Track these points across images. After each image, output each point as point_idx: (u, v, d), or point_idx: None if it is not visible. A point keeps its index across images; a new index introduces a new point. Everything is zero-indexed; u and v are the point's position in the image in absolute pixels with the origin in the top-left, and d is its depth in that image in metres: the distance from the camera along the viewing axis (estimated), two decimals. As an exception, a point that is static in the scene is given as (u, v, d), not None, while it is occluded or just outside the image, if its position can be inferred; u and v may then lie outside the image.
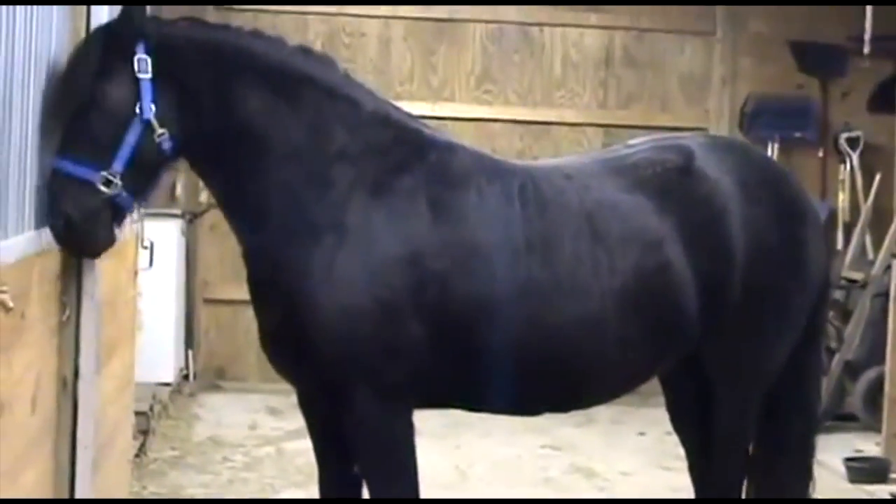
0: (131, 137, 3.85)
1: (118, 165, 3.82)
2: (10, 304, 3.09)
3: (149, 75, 3.87)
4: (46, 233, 3.74)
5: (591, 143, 9.49)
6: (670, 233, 4.31)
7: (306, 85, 4.14)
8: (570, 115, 9.53)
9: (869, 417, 8.36)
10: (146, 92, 3.87)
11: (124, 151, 3.84)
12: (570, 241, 4.23)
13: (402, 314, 4.04)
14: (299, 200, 4.05)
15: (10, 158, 3.41)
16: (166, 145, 3.92)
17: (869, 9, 7.95)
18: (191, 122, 3.97)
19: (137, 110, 3.86)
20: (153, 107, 3.87)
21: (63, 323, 4.04)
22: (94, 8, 4.22)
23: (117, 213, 3.91)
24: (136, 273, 5.64)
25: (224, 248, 4.92)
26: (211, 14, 9.16)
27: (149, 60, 3.88)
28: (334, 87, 4.24)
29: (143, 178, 3.95)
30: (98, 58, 3.86)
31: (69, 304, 4.07)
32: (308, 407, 4.30)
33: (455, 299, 4.10)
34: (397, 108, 4.38)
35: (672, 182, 4.39)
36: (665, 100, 9.66)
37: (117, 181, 3.82)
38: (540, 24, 9.53)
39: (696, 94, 9.67)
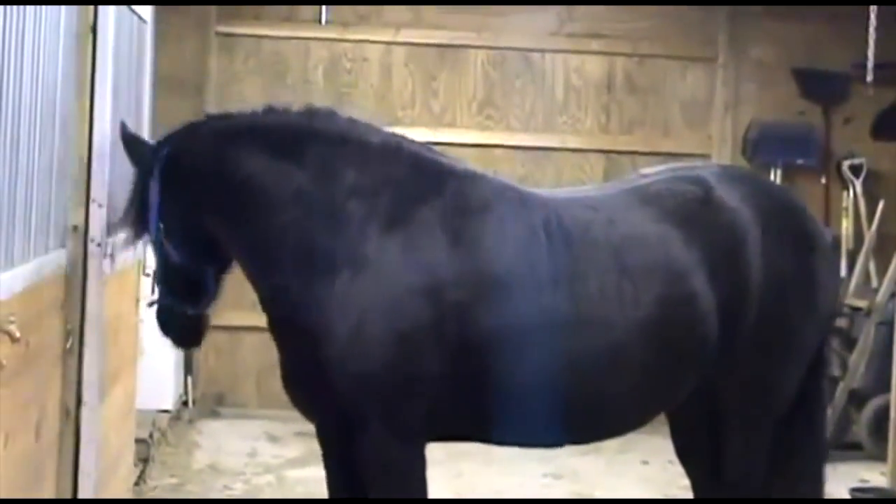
0: (157, 257, 4.32)
1: (159, 279, 4.35)
2: (17, 334, 3.12)
3: (156, 199, 4.21)
4: (50, 260, 3.78)
5: (593, 168, 9.53)
6: (696, 263, 4.36)
7: (308, 140, 4.29)
8: (572, 141, 9.57)
9: (875, 447, 8.36)
10: (153, 215, 4.23)
11: (158, 268, 4.34)
12: (596, 275, 4.26)
13: (420, 346, 4.08)
14: (313, 240, 4.14)
15: (17, 189, 3.45)
16: (172, 253, 4.23)
17: (872, 36, 8.00)
18: (194, 219, 4.24)
19: (154, 236, 4.28)
20: (162, 226, 4.24)
21: (67, 351, 4.07)
22: (100, 16, 4.28)
23: (179, 317, 4.37)
24: (137, 301, 5.67)
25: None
26: (213, 40, 9.26)
27: (156, 184, 4.20)
28: (338, 133, 4.34)
29: (180, 285, 4.33)
30: (135, 189, 4.30)
31: (73, 333, 4.11)
32: (326, 439, 4.38)
33: (475, 331, 4.12)
34: (412, 141, 4.45)
35: (694, 212, 4.43)
36: (667, 125, 9.69)
37: (164, 291, 4.35)
38: (541, 50, 9.58)
39: (698, 120, 9.71)
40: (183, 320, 4.40)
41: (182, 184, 4.22)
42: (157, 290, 4.41)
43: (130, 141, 4.38)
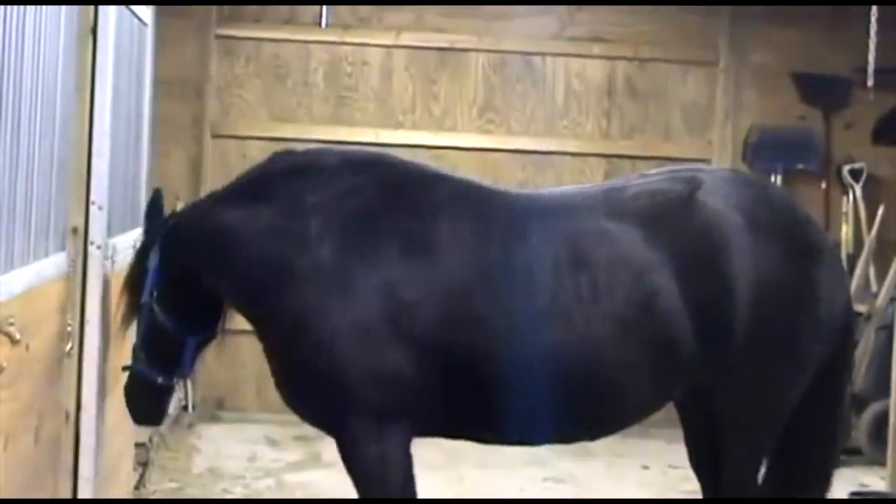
0: (143, 321, 4.53)
1: (139, 343, 4.56)
2: (18, 336, 3.11)
3: (154, 265, 4.53)
4: (49, 263, 3.77)
5: (593, 173, 9.52)
6: (659, 262, 4.34)
7: (270, 182, 4.57)
8: (572, 146, 9.55)
9: (874, 451, 8.34)
10: (150, 279, 4.52)
11: (141, 332, 4.55)
12: (550, 266, 4.33)
13: (381, 345, 4.30)
14: (280, 260, 4.43)
15: (16, 191, 3.43)
16: (162, 319, 4.49)
17: (872, 40, 8.00)
18: (185, 286, 4.53)
19: (145, 298, 4.54)
20: (155, 293, 4.51)
21: (66, 354, 4.06)
22: (100, 17, 4.27)
23: (146, 385, 4.55)
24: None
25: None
26: (213, 43, 9.25)
27: (156, 254, 4.53)
28: (294, 167, 4.60)
29: (162, 352, 4.54)
30: (137, 257, 4.65)
31: (72, 335, 4.09)
32: None
33: (429, 328, 4.30)
34: (371, 153, 4.81)
35: (668, 212, 4.42)
36: (668, 130, 9.68)
37: (141, 356, 4.54)
38: (542, 54, 9.57)
39: (698, 125, 9.69)
40: (151, 389, 4.58)
41: (178, 250, 4.54)
42: (133, 356, 4.60)
43: (153, 212, 4.69)
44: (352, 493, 5.27)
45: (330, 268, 4.36)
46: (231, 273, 4.53)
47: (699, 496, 4.72)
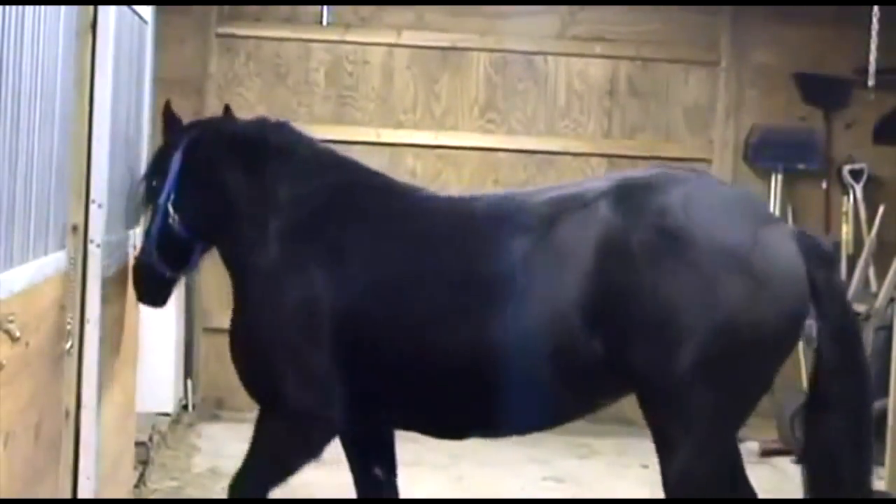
0: (157, 222, 4.97)
1: (152, 242, 4.98)
2: (17, 334, 3.10)
3: (176, 170, 4.95)
4: (49, 261, 3.76)
5: (595, 172, 9.49)
6: (543, 265, 4.40)
7: (261, 151, 4.94)
8: (574, 145, 9.54)
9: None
10: (168, 185, 4.94)
11: (153, 232, 4.99)
12: (443, 275, 4.57)
13: (303, 343, 4.66)
14: (241, 253, 4.88)
15: (16, 189, 3.42)
16: (177, 227, 4.94)
17: (874, 41, 7.99)
18: (196, 206, 4.96)
19: (162, 199, 4.95)
20: (172, 196, 4.94)
21: (66, 352, 4.05)
22: (100, 14, 4.26)
23: (156, 276, 5.08)
24: (137, 302, 5.64)
25: (224, 278, 4.98)
26: (213, 41, 9.24)
27: (178, 159, 4.96)
28: (279, 146, 4.96)
29: (173, 253, 5.01)
30: (157, 158, 5.15)
31: (72, 334, 4.08)
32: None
33: (341, 332, 4.62)
34: (337, 156, 5.07)
35: (565, 217, 4.44)
36: (669, 130, 9.67)
37: (153, 252, 5.00)
38: (544, 54, 9.55)
39: (700, 125, 9.68)
40: (159, 280, 5.11)
41: (194, 163, 4.96)
42: (144, 247, 5.07)
43: (170, 118, 5.17)
44: (351, 493, 5.26)
45: (267, 267, 4.76)
46: (225, 242, 4.99)
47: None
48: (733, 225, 4.32)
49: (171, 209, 4.93)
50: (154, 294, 5.22)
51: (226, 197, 4.92)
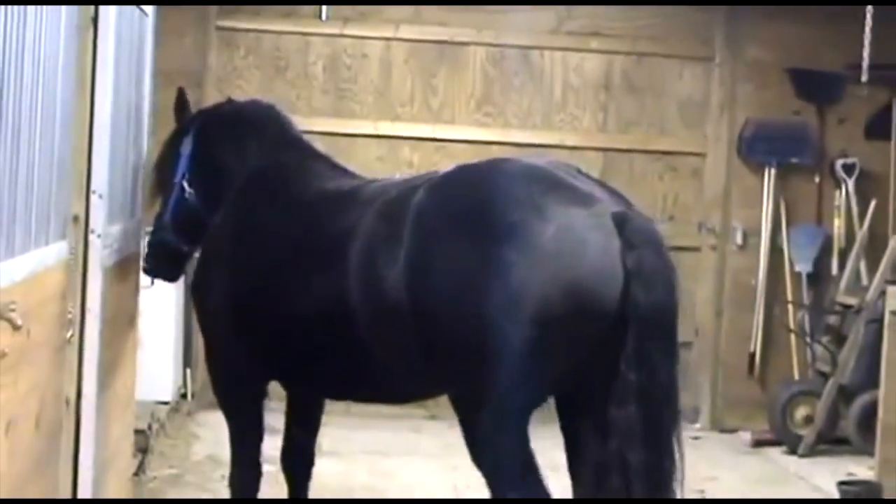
0: (174, 197, 5.43)
1: (168, 218, 5.46)
2: (19, 323, 3.10)
3: (188, 151, 5.45)
4: (51, 250, 3.76)
5: (590, 166, 9.43)
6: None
7: (245, 132, 5.42)
8: (569, 139, 9.55)
9: (862, 442, 8.37)
10: (183, 163, 5.43)
11: (170, 207, 5.46)
12: (338, 247, 4.65)
13: (222, 312, 5.09)
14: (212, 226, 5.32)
15: (18, 180, 3.42)
16: (192, 201, 5.40)
17: (867, 37, 7.99)
18: (205, 181, 5.39)
19: (177, 178, 5.43)
20: (186, 174, 5.42)
21: (67, 342, 4.05)
22: (101, 8, 4.26)
23: (171, 251, 5.53)
24: (137, 292, 5.66)
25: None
26: (213, 34, 9.23)
27: (190, 140, 5.46)
28: (259, 125, 5.46)
29: (188, 227, 5.45)
30: (170, 142, 5.62)
31: (73, 323, 4.09)
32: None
33: (238, 302, 5.03)
34: (296, 137, 5.42)
35: (390, 203, 4.53)
36: (664, 124, 9.68)
37: (168, 227, 5.47)
38: (540, 48, 9.56)
39: (694, 119, 9.70)
40: (175, 255, 5.54)
41: (202, 144, 5.42)
42: (159, 224, 5.46)
43: (182, 105, 5.71)
44: (352, 481, 5.26)
45: (205, 247, 5.30)
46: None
47: (690, 486, 4.68)
48: (527, 202, 4.14)
49: (186, 185, 5.39)
50: (167, 269, 5.61)
51: (221, 172, 5.35)
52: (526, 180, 4.24)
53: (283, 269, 4.84)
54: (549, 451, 4.41)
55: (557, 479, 4.43)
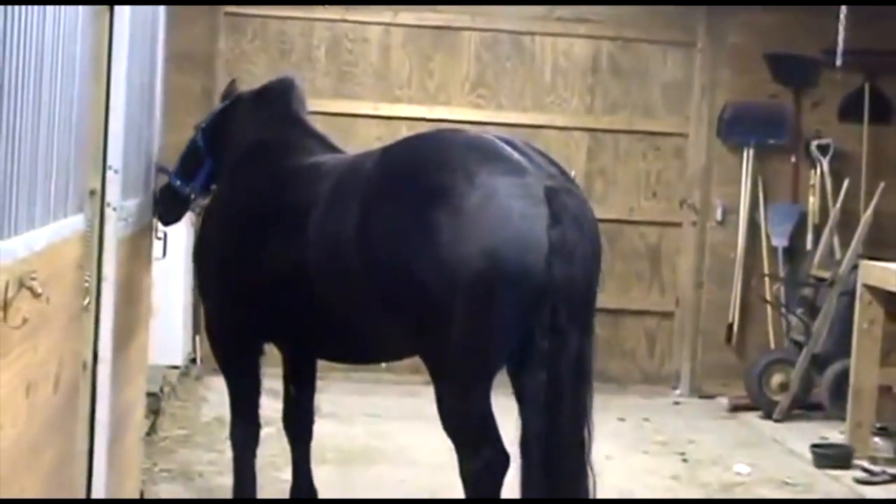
0: (189, 146, 5.80)
1: (179, 161, 5.75)
2: (39, 290, 3.12)
3: (214, 112, 5.91)
4: (69, 223, 3.78)
5: (577, 145, 9.55)
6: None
7: (257, 104, 5.63)
8: (558, 120, 9.57)
9: (834, 407, 8.42)
10: (206, 121, 5.84)
11: (182, 156, 5.78)
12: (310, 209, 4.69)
13: (224, 273, 5.21)
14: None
15: (38, 153, 3.43)
16: (199, 141, 5.74)
17: (841, 24, 8.00)
18: (215, 131, 5.73)
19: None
20: (203, 124, 5.80)
21: (84, 309, 4.07)
22: (116, 8, 4.26)
23: (178, 195, 5.71)
24: (150, 262, 5.67)
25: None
26: (222, 20, 9.22)
27: (220, 107, 5.90)
28: (268, 99, 5.61)
29: (190, 166, 5.73)
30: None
31: (90, 291, 4.11)
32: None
33: (223, 267, 5.20)
34: (293, 114, 5.46)
35: (347, 170, 4.65)
36: (648, 106, 9.70)
37: (178, 170, 5.71)
38: (531, 34, 9.57)
39: (677, 102, 9.71)
40: (181, 199, 5.67)
41: (226, 111, 5.80)
42: (173, 179, 5.65)
43: (229, 91, 6.01)
44: (350, 442, 5.28)
45: (213, 219, 5.39)
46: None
47: (671, 448, 4.74)
48: (459, 168, 4.10)
49: (198, 132, 5.73)
50: (176, 212, 5.73)
51: (230, 139, 5.59)
52: (465, 149, 4.22)
53: (259, 234, 4.95)
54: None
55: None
